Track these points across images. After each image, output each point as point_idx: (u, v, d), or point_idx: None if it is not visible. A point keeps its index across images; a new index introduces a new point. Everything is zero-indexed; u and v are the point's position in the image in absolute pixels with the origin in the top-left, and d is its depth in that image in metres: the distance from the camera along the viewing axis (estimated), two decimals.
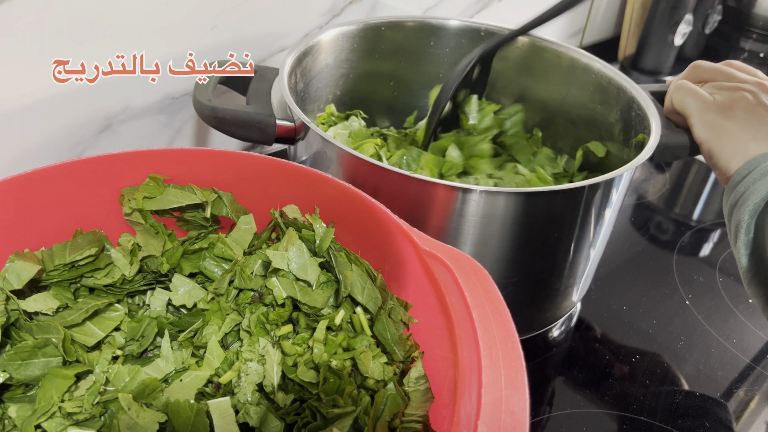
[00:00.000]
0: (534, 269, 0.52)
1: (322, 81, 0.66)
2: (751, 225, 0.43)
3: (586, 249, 0.53)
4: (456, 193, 0.45)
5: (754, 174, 0.44)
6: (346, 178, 0.48)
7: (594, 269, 0.59)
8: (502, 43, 0.65)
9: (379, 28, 0.67)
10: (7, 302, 0.38)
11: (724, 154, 0.48)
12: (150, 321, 0.43)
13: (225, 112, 0.50)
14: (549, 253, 0.51)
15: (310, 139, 0.50)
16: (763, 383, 0.57)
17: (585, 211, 0.48)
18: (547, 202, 0.46)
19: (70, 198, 0.43)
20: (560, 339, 0.60)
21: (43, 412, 0.36)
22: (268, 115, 0.51)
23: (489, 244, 0.48)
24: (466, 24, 0.69)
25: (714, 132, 0.50)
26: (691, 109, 0.52)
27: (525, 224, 0.47)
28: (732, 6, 1.23)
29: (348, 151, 0.46)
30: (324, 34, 0.63)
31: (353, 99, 0.70)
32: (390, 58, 0.70)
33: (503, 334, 0.31)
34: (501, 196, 0.45)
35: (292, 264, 0.42)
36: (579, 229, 0.50)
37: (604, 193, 0.48)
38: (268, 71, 0.56)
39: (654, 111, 0.55)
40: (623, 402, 0.53)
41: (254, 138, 0.52)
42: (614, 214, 0.53)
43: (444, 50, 0.71)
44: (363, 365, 0.39)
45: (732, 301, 0.66)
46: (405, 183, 0.45)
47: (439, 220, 0.46)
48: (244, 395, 0.38)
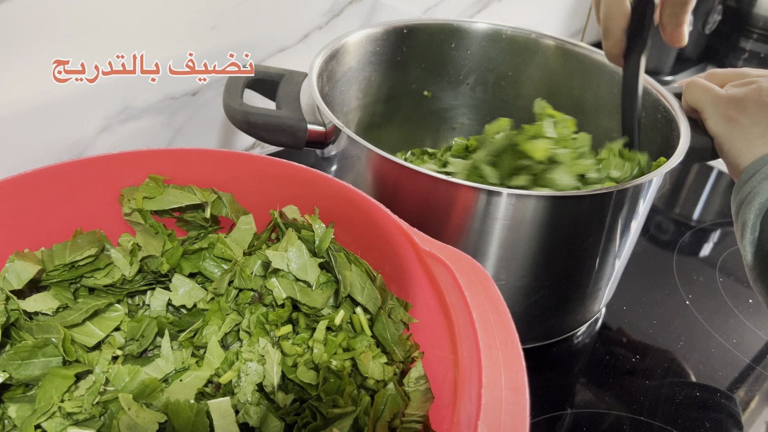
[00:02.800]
0: (561, 274, 0.51)
1: (345, 84, 0.65)
2: (756, 224, 0.44)
3: (613, 254, 0.52)
4: (481, 195, 0.44)
5: (761, 174, 0.44)
6: (377, 181, 0.48)
7: (620, 274, 0.59)
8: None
9: (401, 30, 0.67)
10: (7, 302, 0.38)
11: (734, 149, 0.49)
12: (150, 321, 0.43)
13: (257, 117, 0.49)
14: (576, 257, 0.50)
15: (340, 143, 0.50)
16: (763, 383, 0.57)
17: (613, 216, 0.48)
18: (575, 206, 0.46)
19: (70, 198, 0.43)
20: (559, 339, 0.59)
21: (43, 412, 0.36)
22: (299, 119, 0.50)
23: (516, 247, 0.47)
24: (488, 26, 0.69)
25: (726, 126, 0.50)
26: (703, 103, 0.52)
27: (553, 228, 0.46)
28: (732, 6, 1.23)
29: (379, 154, 0.46)
30: (350, 37, 0.62)
31: (376, 103, 0.70)
32: (411, 61, 0.70)
33: (503, 334, 0.31)
34: (530, 200, 0.44)
35: (292, 264, 0.42)
36: (606, 234, 0.49)
37: (632, 197, 0.48)
38: (296, 75, 0.55)
39: (681, 113, 0.54)
40: (623, 402, 0.53)
41: (285, 143, 0.51)
42: (642, 220, 0.53)
43: (465, 52, 0.71)
44: (363, 365, 0.39)
45: (732, 301, 0.66)
46: (435, 186, 0.45)
47: (463, 221, 0.46)
48: (244, 395, 0.38)
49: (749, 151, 0.47)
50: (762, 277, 0.44)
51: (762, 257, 0.44)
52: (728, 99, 0.50)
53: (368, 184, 0.50)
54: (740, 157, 0.48)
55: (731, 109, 0.50)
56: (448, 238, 0.47)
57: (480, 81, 0.73)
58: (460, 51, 0.70)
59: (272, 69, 0.56)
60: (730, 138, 0.49)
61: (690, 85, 0.54)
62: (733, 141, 0.49)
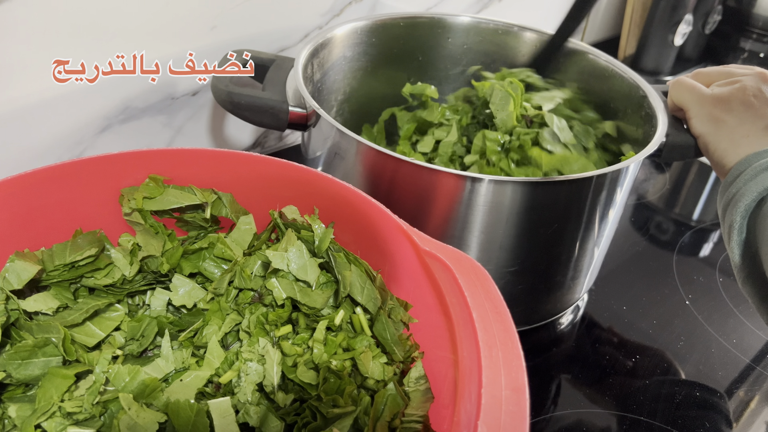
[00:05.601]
0: (538, 259, 0.52)
1: (339, 73, 0.67)
2: (743, 226, 0.43)
3: (591, 242, 0.53)
4: (465, 182, 0.46)
5: (746, 175, 0.44)
6: (357, 165, 0.50)
7: (600, 264, 0.60)
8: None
9: (398, 23, 0.68)
10: (7, 302, 0.38)
11: (719, 149, 0.48)
12: (150, 321, 0.43)
13: (240, 97, 0.51)
14: (553, 243, 0.51)
15: (321, 127, 0.52)
16: (763, 383, 0.57)
17: (591, 203, 0.49)
18: (554, 192, 0.47)
19: (70, 198, 0.43)
20: (560, 339, 0.60)
21: (43, 412, 0.36)
22: (281, 101, 0.52)
23: (495, 232, 0.49)
24: (482, 21, 0.70)
25: (711, 125, 0.50)
26: (688, 102, 0.52)
27: (530, 213, 0.48)
28: (732, 6, 1.23)
29: (357, 139, 0.48)
30: (339, 28, 0.64)
31: (370, 92, 0.71)
32: (408, 54, 0.71)
33: (503, 334, 0.31)
34: (508, 185, 0.46)
35: (292, 264, 0.42)
36: (585, 221, 0.50)
37: (611, 185, 0.49)
38: (286, 61, 0.57)
39: (662, 108, 0.55)
40: (623, 402, 0.53)
41: (267, 123, 0.53)
42: (619, 210, 0.54)
43: (462, 47, 0.72)
44: (363, 365, 0.39)
45: (732, 301, 0.66)
46: (415, 171, 0.46)
47: (448, 208, 0.47)
48: (244, 395, 0.38)
49: (735, 151, 0.47)
50: (751, 279, 0.44)
51: (750, 258, 0.44)
52: (713, 98, 0.50)
53: (352, 170, 0.51)
54: (726, 157, 0.47)
55: (716, 109, 0.49)
56: (434, 224, 0.49)
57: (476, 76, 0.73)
58: (456, 45, 0.71)
59: (264, 54, 0.58)
60: (715, 138, 0.49)
61: (675, 84, 0.54)
62: (718, 141, 0.49)
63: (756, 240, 0.42)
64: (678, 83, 0.54)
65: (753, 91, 0.48)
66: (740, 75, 0.51)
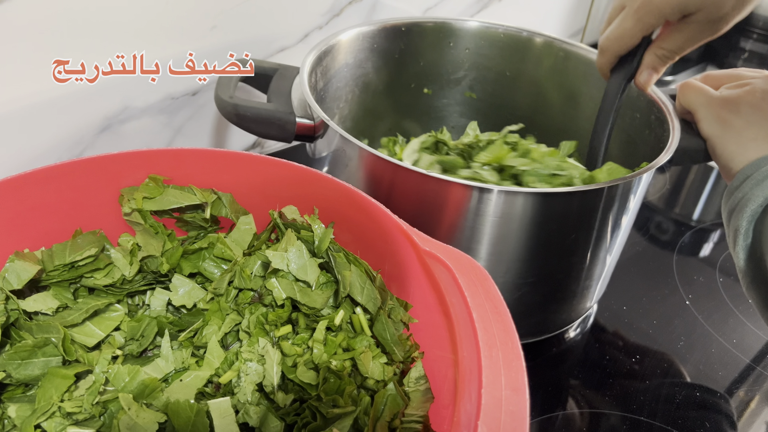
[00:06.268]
0: (551, 270, 0.52)
1: (342, 80, 0.66)
2: (749, 231, 0.43)
3: (603, 251, 0.52)
4: (473, 193, 0.45)
5: (752, 179, 0.44)
6: (364, 175, 0.49)
7: (611, 272, 0.59)
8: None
9: (399, 28, 0.68)
10: (7, 302, 0.38)
11: (726, 152, 0.48)
12: (150, 321, 0.43)
13: (246, 110, 0.50)
14: (566, 253, 0.50)
15: (329, 137, 0.50)
16: (763, 383, 0.57)
17: (603, 213, 0.48)
18: (565, 203, 0.46)
19: (70, 198, 0.43)
20: (565, 341, 0.59)
21: (43, 412, 0.36)
22: (288, 112, 0.51)
23: (506, 244, 0.48)
24: (485, 25, 0.70)
25: (719, 127, 0.49)
26: (696, 105, 0.52)
27: (543, 225, 0.47)
28: None
29: (366, 149, 0.46)
30: (343, 34, 0.63)
31: (374, 99, 0.71)
32: (410, 59, 0.70)
33: (503, 334, 0.31)
34: (519, 196, 0.45)
35: (292, 265, 0.42)
36: (596, 231, 0.49)
37: (623, 195, 0.48)
38: (289, 69, 0.56)
39: (674, 113, 0.55)
40: (623, 402, 0.53)
41: (274, 135, 0.52)
42: (631, 217, 0.53)
43: (464, 51, 0.71)
44: (363, 365, 0.39)
45: (732, 301, 0.66)
46: (422, 181, 0.45)
47: (455, 219, 0.46)
48: (244, 395, 0.38)
49: (742, 154, 0.46)
50: (755, 284, 0.44)
51: (755, 263, 0.43)
52: (722, 101, 0.50)
53: (358, 179, 0.50)
54: (733, 160, 0.47)
55: (724, 111, 0.49)
56: (441, 235, 0.48)
57: (478, 80, 0.73)
58: (458, 50, 0.71)
59: (267, 63, 0.57)
60: (723, 140, 0.49)
61: (684, 87, 0.54)
62: (725, 143, 0.48)
63: (761, 245, 0.42)
64: (686, 86, 0.53)
65: (762, 94, 0.48)
66: (750, 78, 0.51)
